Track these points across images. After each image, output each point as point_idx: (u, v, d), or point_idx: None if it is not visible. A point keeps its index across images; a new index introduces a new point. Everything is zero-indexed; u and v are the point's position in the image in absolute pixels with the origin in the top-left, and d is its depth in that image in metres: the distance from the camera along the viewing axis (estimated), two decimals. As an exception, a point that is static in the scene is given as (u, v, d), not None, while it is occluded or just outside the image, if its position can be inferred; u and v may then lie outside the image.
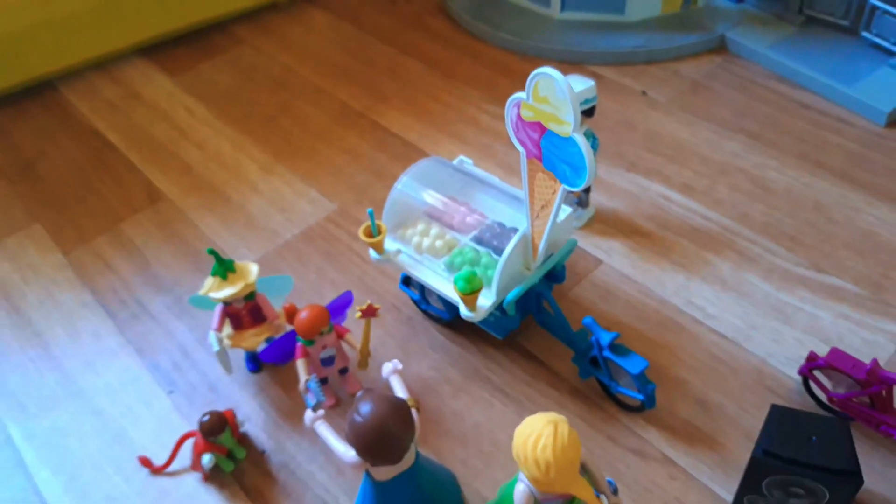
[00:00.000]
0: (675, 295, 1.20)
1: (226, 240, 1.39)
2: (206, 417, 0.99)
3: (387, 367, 0.93)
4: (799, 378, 1.05)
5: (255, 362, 1.16)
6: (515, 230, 1.05)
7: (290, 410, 1.11)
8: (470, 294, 0.98)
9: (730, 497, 0.95)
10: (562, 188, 0.91)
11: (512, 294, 1.01)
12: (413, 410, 0.83)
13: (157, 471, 1.06)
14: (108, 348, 1.23)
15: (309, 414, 0.89)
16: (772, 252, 1.25)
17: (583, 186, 0.86)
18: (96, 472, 1.07)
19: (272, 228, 1.41)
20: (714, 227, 1.30)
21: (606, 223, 1.33)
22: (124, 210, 1.49)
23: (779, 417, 0.88)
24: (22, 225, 1.49)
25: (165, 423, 1.12)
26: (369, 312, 1.01)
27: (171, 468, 1.05)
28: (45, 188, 1.57)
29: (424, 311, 1.21)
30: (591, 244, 1.29)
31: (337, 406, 1.11)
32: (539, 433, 0.74)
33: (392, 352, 1.16)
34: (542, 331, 1.16)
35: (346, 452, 0.84)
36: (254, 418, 1.10)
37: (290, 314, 1.03)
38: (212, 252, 1.04)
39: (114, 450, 1.09)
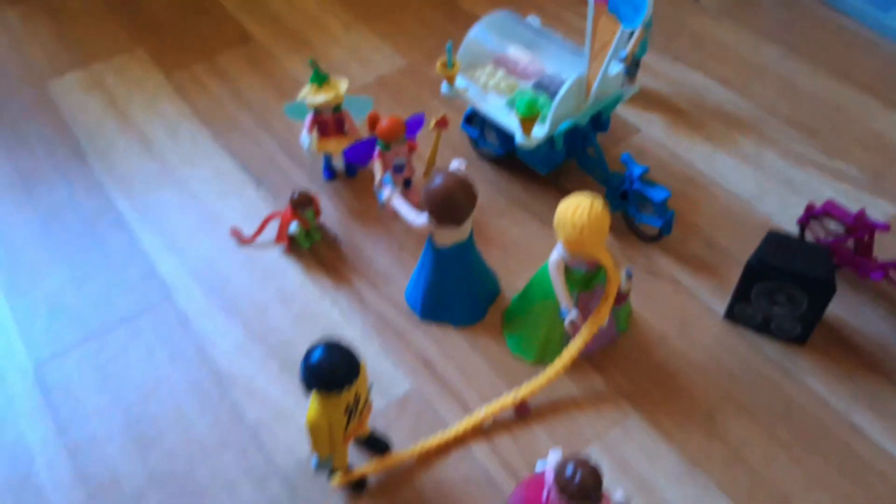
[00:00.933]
0: (700, 161, 1.37)
1: (308, 77, 1.56)
2: (297, 193, 1.18)
3: (454, 163, 1.11)
4: (797, 230, 1.22)
5: (332, 171, 1.35)
6: (572, 79, 1.21)
7: (359, 211, 1.30)
8: (528, 118, 1.15)
9: (723, 310, 1.14)
10: (620, 29, 1.07)
11: (563, 125, 1.18)
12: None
13: (245, 241, 1.25)
14: (203, 149, 1.43)
15: (387, 191, 1.08)
16: (791, 138, 1.41)
17: (641, 23, 1.02)
18: (192, 239, 1.27)
19: (350, 74, 1.58)
20: (744, 114, 1.46)
21: (649, 100, 1.49)
22: (219, 46, 1.67)
23: (773, 239, 1.06)
24: (126, 48, 1.68)
25: (252, 209, 1.31)
26: (442, 123, 1.19)
27: (257, 241, 1.25)
28: (146, 20, 1.75)
29: (479, 151, 1.39)
30: (633, 115, 1.46)
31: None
32: (578, 203, 0.93)
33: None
34: (579, 176, 1.33)
35: (417, 218, 1.03)
36: (329, 214, 1.29)
37: (373, 120, 1.21)
38: (312, 63, 1.22)
39: (207, 224, 1.29)
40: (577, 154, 1.29)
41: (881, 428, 1.01)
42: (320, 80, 1.23)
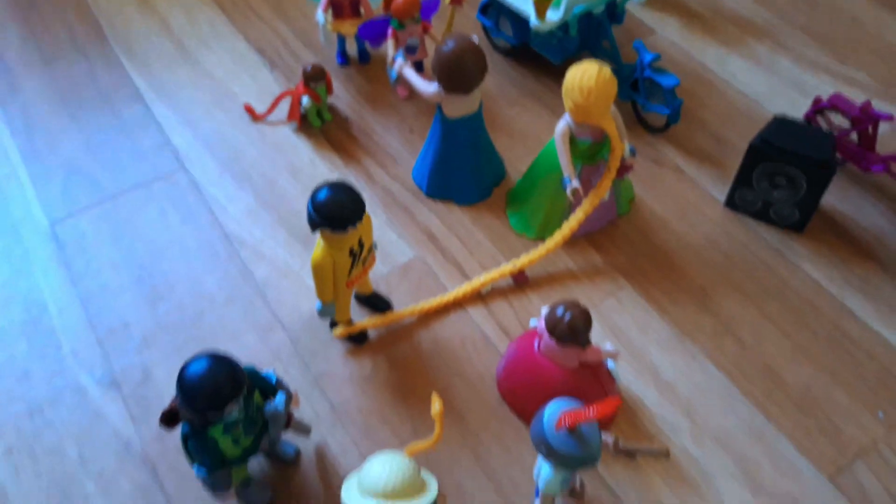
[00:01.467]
0: (713, 63, 1.37)
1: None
2: (310, 66, 1.20)
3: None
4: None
5: (345, 57, 1.37)
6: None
7: (370, 95, 1.32)
8: (543, -1, 1.16)
9: (724, 199, 1.15)
10: None
11: (578, 8, 1.19)
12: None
13: (258, 118, 1.28)
14: (221, 34, 1.44)
15: (399, 62, 1.10)
16: (805, 44, 1.41)
17: None
18: (206, 114, 1.29)
19: (368, -31, 1.58)
20: (760, 20, 1.46)
21: (666, 3, 1.49)
22: (238, -62, 1.67)
23: (778, 122, 1.07)
24: (147, -62, 1.68)
25: (265, 89, 1.33)
26: (457, 0, 1.19)
27: (269, 118, 1.27)
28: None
29: (493, 42, 1.39)
30: (649, 17, 1.46)
31: (410, 99, 1.31)
32: (586, 68, 0.94)
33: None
34: (592, 70, 1.34)
35: (428, 86, 1.05)
36: (341, 97, 1.31)
37: (389, -3, 1.22)
38: (330, -62, 1.22)
39: (222, 101, 1.31)
40: (590, 45, 1.30)
41: (872, 311, 1.03)
42: (337, -42, 1.24)
